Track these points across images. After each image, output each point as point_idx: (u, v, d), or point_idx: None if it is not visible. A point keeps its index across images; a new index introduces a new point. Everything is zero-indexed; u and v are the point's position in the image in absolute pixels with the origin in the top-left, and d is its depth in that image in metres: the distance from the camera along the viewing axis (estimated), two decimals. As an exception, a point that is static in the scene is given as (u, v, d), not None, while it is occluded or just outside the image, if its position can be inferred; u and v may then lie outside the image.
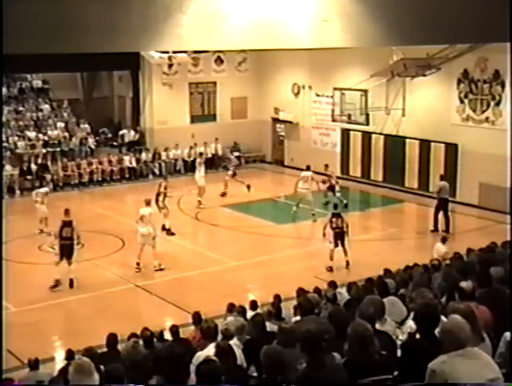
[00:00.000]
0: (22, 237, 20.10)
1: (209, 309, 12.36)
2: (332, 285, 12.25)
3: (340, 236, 17.31)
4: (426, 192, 24.68)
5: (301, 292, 11.81)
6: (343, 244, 17.32)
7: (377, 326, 6.87)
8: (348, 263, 17.28)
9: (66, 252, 16.38)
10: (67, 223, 16.57)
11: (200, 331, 8.60)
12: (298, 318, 9.49)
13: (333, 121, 28.57)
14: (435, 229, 20.44)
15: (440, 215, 20.58)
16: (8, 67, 25.57)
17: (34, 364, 9.51)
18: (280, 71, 30.44)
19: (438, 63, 23.16)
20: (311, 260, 17.97)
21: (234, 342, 7.69)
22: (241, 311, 10.76)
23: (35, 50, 9.88)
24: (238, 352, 7.29)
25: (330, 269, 17.09)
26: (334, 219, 17.46)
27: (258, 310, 11.20)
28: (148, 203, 17.94)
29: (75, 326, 14.18)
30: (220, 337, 8.21)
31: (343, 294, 11.34)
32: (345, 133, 28.22)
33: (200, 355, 6.55)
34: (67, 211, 16.82)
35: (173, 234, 20.16)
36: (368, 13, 11.48)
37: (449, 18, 12.00)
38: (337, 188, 23.29)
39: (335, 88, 28.08)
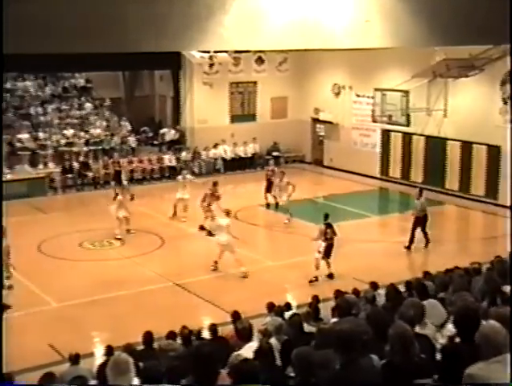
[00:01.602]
0: (64, 234, 20.38)
1: (247, 308, 12.38)
2: (373, 286, 12.17)
3: (330, 247, 16.92)
4: (467, 194, 24.40)
5: (339, 293, 11.76)
6: (329, 256, 16.91)
7: (417, 329, 6.80)
8: (331, 275, 16.87)
9: None
10: None
11: (235, 331, 8.62)
12: (336, 319, 9.45)
13: (374, 121, 28.40)
14: (410, 247, 19.04)
15: (418, 231, 19.16)
16: (52, 66, 26.10)
17: (74, 359, 9.62)
18: (320, 72, 30.35)
19: (481, 64, 22.84)
20: (348, 262, 17.87)
21: (272, 342, 7.69)
22: (279, 311, 10.76)
23: (79, 49, 10.02)
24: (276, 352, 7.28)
25: (315, 279, 16.62)
26: (328, 231, 16.95)
27: (296, 311, 11.18)
28: (228, 214, 17.84)
29: (114, 323, 14.29)
30: (257, 337, 8.22)
31: (382, 296, 11.25)
32: (386, 134, 28.03)
33: (237, 355, 6.56)
34: None
35: (212, 235, 20.16)
36: (410, 13, 11.39)
37: (494, 18, 11.84)
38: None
39: (376, 89, 27.91)
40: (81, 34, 9.41)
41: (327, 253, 16.90)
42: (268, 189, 23.44)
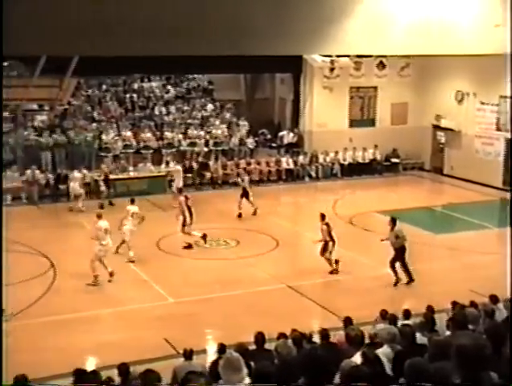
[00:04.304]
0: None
1: (359, 314, 12.25)
2: (493, 299, 11.77)
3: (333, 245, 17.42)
4: None
5: (455, 304, 11.45)
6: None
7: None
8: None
9: None
10: None
11: (346, 337, 8.54)
12: (450, 331, 9.20)
13: (498, 130, 27.47)
14: (397, 282, 17.06)
15: (398, 264, 17.19)
16: (176, 67, 26.83)
17: (188, 355, 9.82)
18: (443, 78, 29.65)
19: None
20: (467, 273, 17.37)
21: (384, 351, 7.58)
22: (393, 319, 10.58)
23: (204, 52, 10.25)
24: (385, 361, 7.16)
25: (336, 272, 17.38)
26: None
27: (409, 321, 10.97)
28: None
29: (227, 321, 14.51)
30: (367, 343, 8.12)
31: (501, 310, 10.86)
32: (510, 143, 27.04)
33: (349, 362, 6.50)
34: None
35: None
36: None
37: None
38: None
39: (501, 96, 26.97)
40: (208, 37, 9.62)
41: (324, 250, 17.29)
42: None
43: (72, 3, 8.73)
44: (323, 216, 17.48)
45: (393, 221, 17.29)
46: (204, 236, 19.57)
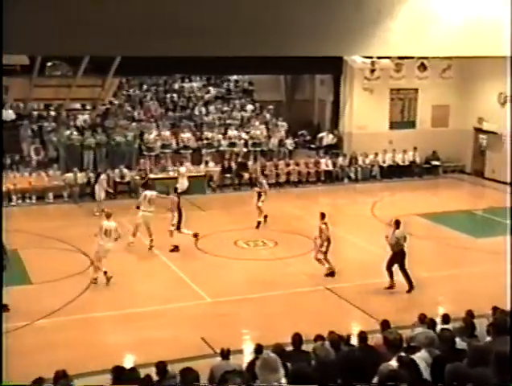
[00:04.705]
0: (220, 232, 20.95)
1: (397, 318, 12.18)
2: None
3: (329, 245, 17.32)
4: None
5: (496, 310, 11.30)
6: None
7: None
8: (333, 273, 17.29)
9: None
10: None
11: (384, 340, 8.48)
12: (491, 337, 9.09)
13: (541, 133, 27.03)
14: (391, 286, 16.65)
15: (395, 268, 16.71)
16: (217, 68, 26.93)
17: (226, 354, 9.85)
18: (486, 80, 29.26)
19: None
20: (507, 278, 17.11)
21: (422, 355, 7.52)
22: (432, 324, 10.49)
23: (242, 52, 10.26)
24: (423, 365, 7.10)
25: (332, 274, 17.28)
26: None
27: (448, 326, 10.86)
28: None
29: (264, 322, 14.53)
30: (405, 347, 8.06)
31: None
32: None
33: (387, 365, 6.47)
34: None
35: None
36: None
37: None
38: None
39: (546, 99, 26.57)
40: (247, 38, 9.63)
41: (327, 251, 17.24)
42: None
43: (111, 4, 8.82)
44: (323, 215, 17.33)
45: (396, 223, 16.90)
46: (195, 235, 19.54)
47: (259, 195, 21.83)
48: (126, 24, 8.76)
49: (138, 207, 19.92)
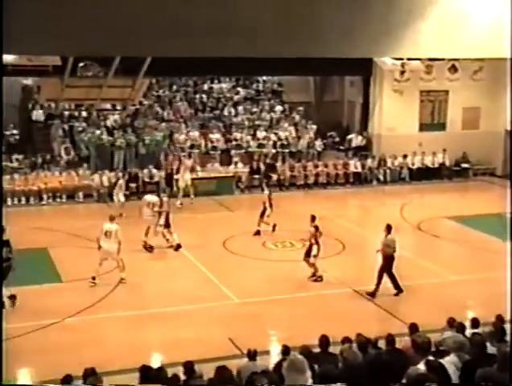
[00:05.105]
0: (248, 233, 20.96)
1: (425, 321, 12.08)
2: None
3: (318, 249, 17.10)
4: None
5: (526, 315, 11.17)
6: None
7: None
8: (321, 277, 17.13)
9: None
10: None
11: (413, 344, 8.43)
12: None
13: None
14: (373, 293, 16.20)
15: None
16: (246, 69, 26.99)
17: (253, 355, 9.85)
18: (518, 82, 28.95)
19: None
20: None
21: (451, 359, 7.47)
22: (461, 328, 10.40)
23: (273, 54, 10.28)
24: (452, 370, 7.05)
25: (320, 279, 17.12)
26: (317, 233, 16.99)
27: (477, 330, 10.76)
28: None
29: (291, 323, 14.51)
30: (434, 351, 8.01)
31: None
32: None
33: (415, 369, 6.44)
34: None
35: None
36: None
37: None
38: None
39: None
40: (277, 40, 9.64)
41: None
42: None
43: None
44: (313, 218, 17.21)
45: (388, 228, 16.42)
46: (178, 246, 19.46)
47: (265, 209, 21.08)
48: (126, 24, 8.85)
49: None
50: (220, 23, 9.30)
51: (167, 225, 19.49)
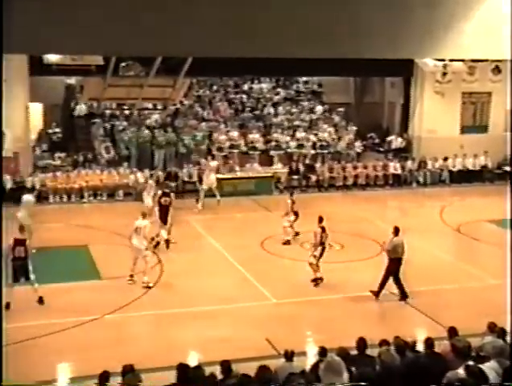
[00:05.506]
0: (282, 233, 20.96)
1: (464, 326, 11.95)
2: None
3: (323, 251, 16.76)
4: None
5: None
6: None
7: None
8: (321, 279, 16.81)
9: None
10: None
11: (452, 348, 8.35)
12: None
13: None
14: (378, 293, 15.95)
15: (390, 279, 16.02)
16: (286, 69, 27.01)
17: (289, 356, 9.84)
18: None
19: None
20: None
21: (491, 365, 7.37)
22: (501, 333, 10.25)
23: (309, 54, 10.27)
24: (493, 376, 6.96)
25: (321, 280, 16.81)
26: (323, 234, 16.63)
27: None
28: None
29: (328, 325, 14.46)
30: (474, 356, 7.92)
31: None
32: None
33: (455, 373, 6.38)
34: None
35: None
36: None
37: None
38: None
39: None
40: (317, 40, 9.62)
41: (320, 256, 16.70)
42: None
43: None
44: (320, 219, 16.95)
45: (395, 230, 16.01)
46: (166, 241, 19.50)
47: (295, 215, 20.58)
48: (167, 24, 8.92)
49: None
50: (263, 25, 9.32)
51: (161, 219, 19.37)
